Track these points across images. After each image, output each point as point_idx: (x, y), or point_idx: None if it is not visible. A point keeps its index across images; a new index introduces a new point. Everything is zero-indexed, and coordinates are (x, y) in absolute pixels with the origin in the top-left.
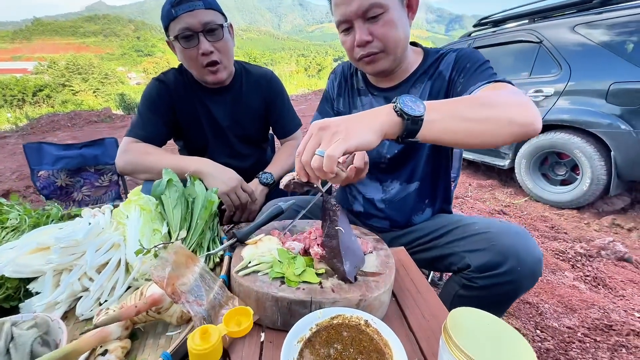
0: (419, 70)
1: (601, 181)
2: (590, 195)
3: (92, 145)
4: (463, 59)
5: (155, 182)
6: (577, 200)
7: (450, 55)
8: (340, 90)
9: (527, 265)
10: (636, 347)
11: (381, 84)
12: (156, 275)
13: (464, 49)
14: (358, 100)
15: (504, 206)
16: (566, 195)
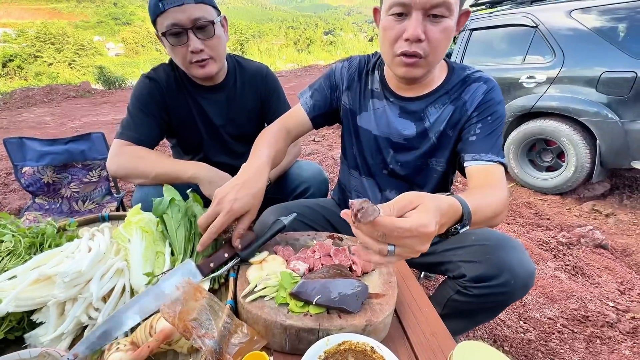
0: (442, 88)
1: (585, 168)
2: (574, 181)
3: (78, 140)
4: (490, 105)
5: (157, 201)
6: (561, 186)
7: (479, 86)
8: (350, 84)
9: (521, 278)
10: (609, 338)
11: (401, 91)
12: (167, 314)
13: (493, 86)
14: (370, 102)
15: None
16: (551, 181)
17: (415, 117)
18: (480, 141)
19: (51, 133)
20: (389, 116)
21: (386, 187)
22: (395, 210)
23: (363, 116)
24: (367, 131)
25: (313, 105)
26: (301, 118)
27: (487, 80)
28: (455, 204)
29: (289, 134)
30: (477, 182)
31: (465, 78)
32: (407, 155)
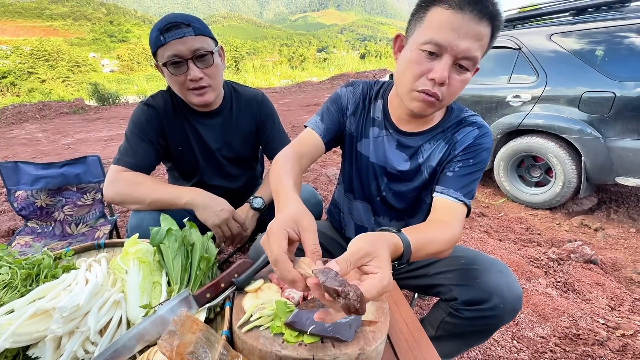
0: (439, 126)
1: (572, 184)
2: (562, 196)
3: (73, 164)
4: (476, 150)
5: (154, 231)
6: (550, 201)
7: (472, 130)
8: (355, 110)
9: (509, 302)
10: (600, 356)
11: (401, 124)
12: (164, 347)
13: (485, 133)
14: (371, 130)
15: (483, 207)
16: (540, 197)
17: (410, 152)
18: (454, 178)
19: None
20: (385, 146)
21: (380, 212)
22: (352, 264)
23: (363, 142)
24: (365, 157)
25: (326, 129)
26: (314, 142)
27: (481, 126)
28: (398, 245)
29: (301, 159)
30: (436, 215)
31: (462, 120)
32: (401, 186)
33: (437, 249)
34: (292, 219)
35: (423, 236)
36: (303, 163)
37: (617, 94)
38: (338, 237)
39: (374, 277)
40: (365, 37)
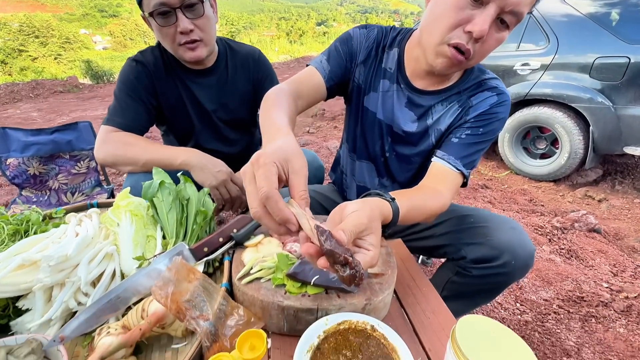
0: (456, 87)
1: (578, 155)
2: (567, 168)
3: (64, 130)
4: (490, 119)
5: (146, 184)
6: (555, 173)
7: (490, 97)
8: (366, 58)
9: (521, 259)
10: (604, 317)
11: (415, 79)
12: (159, 295)
13: (504, 101)
14: (380, 82)
15: (486, 180)
16: (545, 168)
17: (419, 112)
18: (458, 146)
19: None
20: (394, 103)
21: (384, 174)
22: (352, 237)
23: (371, 97)
24: (371, 113)
25: (331, 72)
26: (316, 83)
27: (501, 93)
28: (388, 216)
29: (298, 99)
30: (429, 180)
31: (481, 82)
32: (405, 149)
33: (422, 218)
34: (283, 155)
35: (413, 204)
36: (299, 104)
37: (631, 59)
38: (341, 201)
39: (366, 254)
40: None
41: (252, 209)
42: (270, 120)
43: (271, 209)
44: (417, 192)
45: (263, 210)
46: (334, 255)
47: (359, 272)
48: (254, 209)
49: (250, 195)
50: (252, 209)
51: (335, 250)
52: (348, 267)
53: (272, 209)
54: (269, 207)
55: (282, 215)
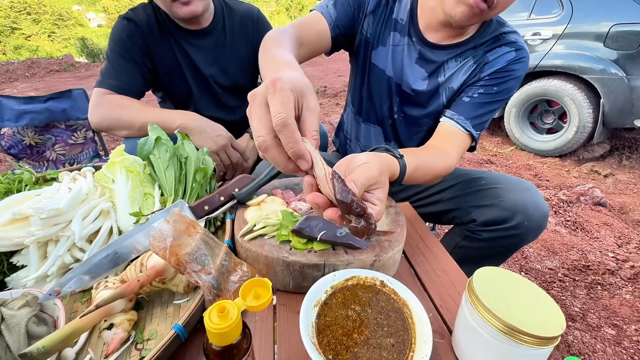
0: (472, 41)
1: (586, 129)
2: (574, 143)
3: (58, 98)
4: (506, 77)
5: (141, 141)
6: (561, 148)
7: (509, 53)
8: (376, 8)
9: (535, 220)
10: (610, 284)
11: (428, 32)
12: (157, 247)
13: (522, 58)
14: (391, 35)
15: (491, 155)
16: (551, 144)
17: (431, 68)
18: (469, 105)
19: None
20: (404, 58)
21: (391, 137)
22: (362, 190)
23: (379, 52)
24: (380, 71)
25: (337, 19)
26: (320, 30)
27: (520, 49)
28: (395, 173)
29: (300, 46)
30: (437, 140)
31: (500, 36)
32: (413, 110)
33: (427, 179)
34: (299, 87)
35: (419, 164)
36: (301, 53)
37: None
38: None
39: (373, 209)
40: None
41: (259, 137)
42: (274, 56)
43: (286, 139)
44: (424, 151)
45: (273, 140)
46: (350, 204)
47: (373, 224)
48: (261, 137)
49: (259, 121)
50: (260, 137)
51: (352, 198)
52: (363, 218)
53: (286, 139)
54: (283, 136)
55: (297, 148)
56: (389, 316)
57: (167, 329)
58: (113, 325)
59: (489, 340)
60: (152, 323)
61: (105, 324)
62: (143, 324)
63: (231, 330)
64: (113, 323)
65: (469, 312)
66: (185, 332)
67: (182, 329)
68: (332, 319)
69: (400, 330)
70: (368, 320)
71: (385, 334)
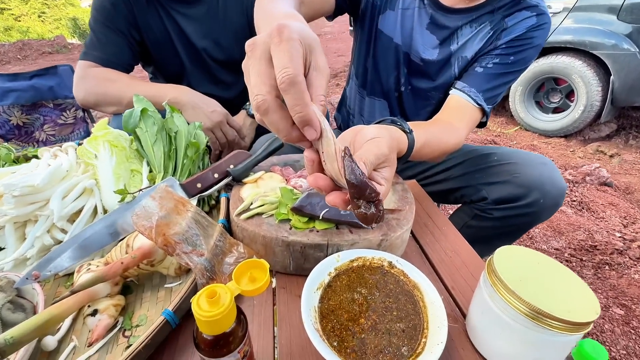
0: (489, 4)
1: (594, 107)
2: (581, 122)
3: (44, 75)
4: (524, 45)
5: (126, 113)
6: (567, 128)
7: (529, 19)
8: None
9: (551, 197)
10: (619, 264)
11: None
12: (141, 226)
13: (543, 24)
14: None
15: (494, 136)
16: (557, 123)
17: (443, 35)
18: (483, 76)
19: None
20: (414, 23)
21: (397, 112)
22: (371, 169)
23: (387, 16)
24: (387, 38)
25: None
26: None
27: (542, 14)
28: (403, 148)
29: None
30: (446, 114)
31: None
32: (421, 82)
33: (434, 156)
34: (308, 39)
35: (427, 140)
36: (302, 12)
37: None
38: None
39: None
40: None
41: (257, 97)
42: (272, 10)
43: (293, 100)
44: (433, 126)
45: (275, 101)
46: (363, 188)
47: (382, 211)
48: (261, 96)
49: (259, 77)
50: (258, 96)
51: (367, 181)
52: (374, 204)
53: (293, 100)
54: (290, 96)
55: (305, 113)
56: (398, 299)
57: (158, 314)
58: (97, 311)
59: (512, 325)
60: (141, 308)
61: (88, 309)
62: (132, 309)
63: (223, 317)
64: (97, 309)
65: (488, 295)
66: (176, 318)
67: (173, 315)
68: (336, 303)
69: (411, 314)
70: (375, 304)
71: (395, 318)
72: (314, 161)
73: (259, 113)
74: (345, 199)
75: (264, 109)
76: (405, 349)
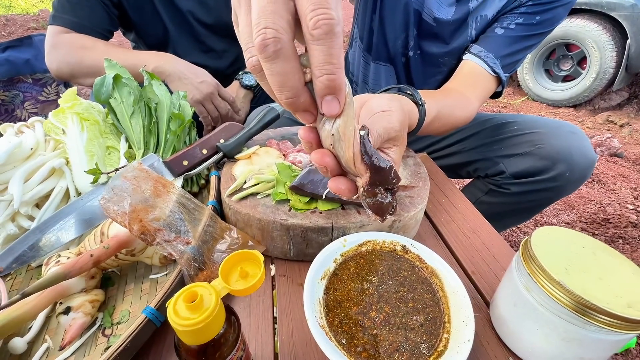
0: None
1: (607, 74)
2: (592, 91)
3: (18, 47)
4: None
5: (97, 81)
6: (577, 97)
7: None
8: None
9: (579, 169)
10: (633, 237)
11: None
12: (112, 211)
13: None
14: None
15: (501, 107)
16: (566, 92)
17: None
18: (503, 39)
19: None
20: None
21: (403, 80)
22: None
23: None
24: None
25: None
26: None
27: None
28: (413, 122)
29: None
30: (458, 82)
31: None
32: (432, 46)
33: (442, 130)
34: None
35: (438, 114)
36: None
37: None
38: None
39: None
40: None
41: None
42: None
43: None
44: (444, 97)
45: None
46: (387, 172)
47: (396, 200)
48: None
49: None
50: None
51: (391, 165)
52: (391, 192)
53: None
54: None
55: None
56: (414, 288)
57: (142, 309)
58: (70, 308)
59: (553, 320)
60: (124, 302)
61: (61, 307)
62: (113, 303)
63: (208, 325)
64: (70, 306)
65: (524, 285)
66: (160, 315)
67: (156, 312)
68: (343, 294)
69: (430, 305)
70: (388, 295)
71: (411, 310)
72: (312, 143)
73: (263, 55)
74: (351, 186)
75: (274, 50)
76: (424, 346)
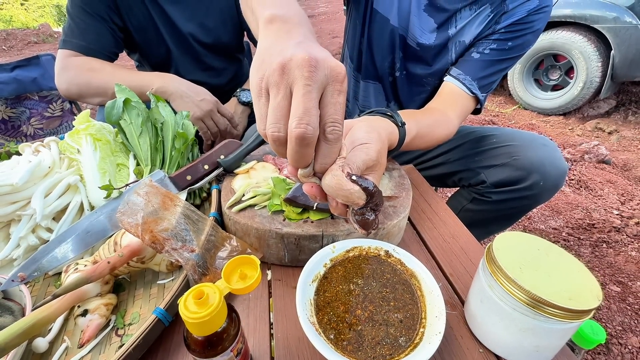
0: None
1: (594, 83)
2: (580, 99)
3: (26, 66)
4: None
5: (108, 104)
6: (566, 105)
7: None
8: None
9: (552, 179)
10: (616, 241)
11: None
12: (127, 223)
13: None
14: None
15: (493, 116)
16: (556, 101)
17: (441, 17)
18: (479, 63)
19: None
20: (412, 5)
21: (391, 97)
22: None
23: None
24: (384, 19)
25: None
26: None
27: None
28: (393, 142)
29: None
30: (439, 102)
31: None
32: (417, 67)
33: (424, 147)
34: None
35: (419, 131)
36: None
37: None
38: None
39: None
40: None
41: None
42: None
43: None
44: (425, 116)
45: (315, 139)
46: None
47: (378, 217)
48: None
49: (313, 115)
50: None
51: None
52: (376, 211)
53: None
54: (332, 149)
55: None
56: (396, 289)
57: (151, 311)
58: (87, 311)
59: (511, 313)
60: (134, 306)
61: (78, 310)
62: (125, 307)
63: (212, 318)
64: (87, 309)
65: (487, 283)
66: (168, 315)
67: (165, 313)
68: (332, 295)
69: (409, 304)
70: (372, 295)
71: (392, 308)
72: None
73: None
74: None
75: (308, 142)
76: (403, 340)
